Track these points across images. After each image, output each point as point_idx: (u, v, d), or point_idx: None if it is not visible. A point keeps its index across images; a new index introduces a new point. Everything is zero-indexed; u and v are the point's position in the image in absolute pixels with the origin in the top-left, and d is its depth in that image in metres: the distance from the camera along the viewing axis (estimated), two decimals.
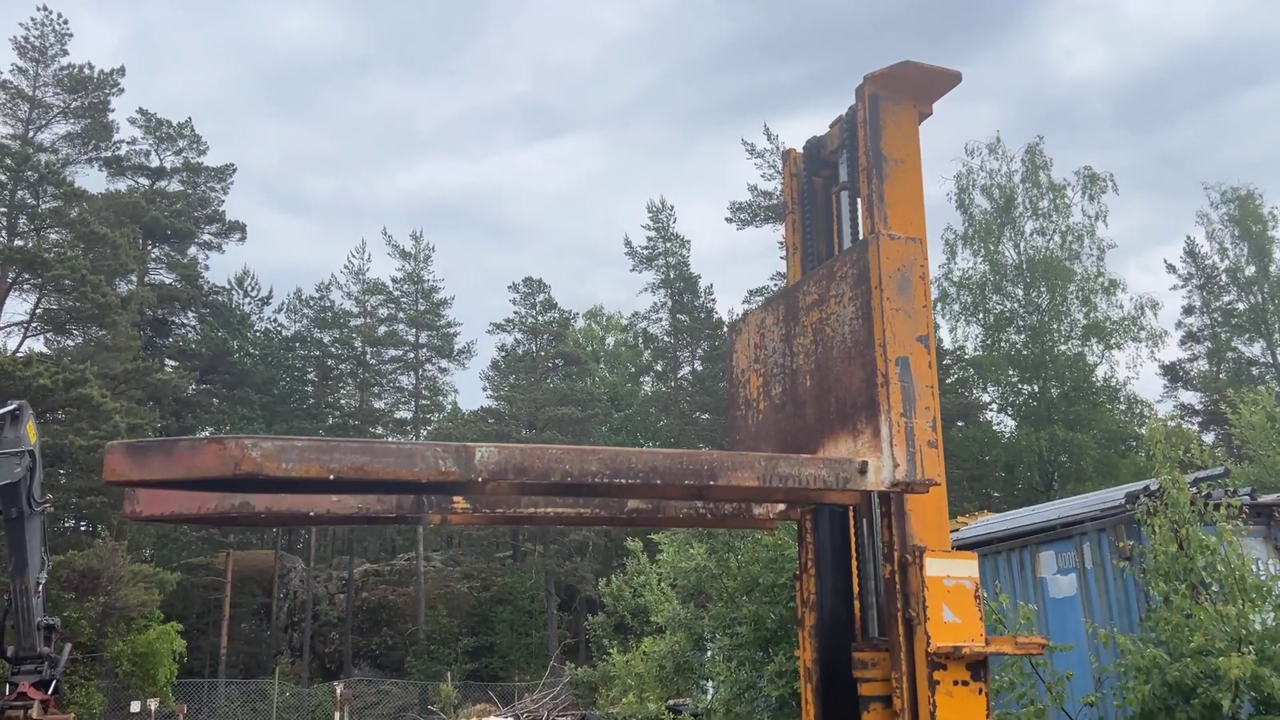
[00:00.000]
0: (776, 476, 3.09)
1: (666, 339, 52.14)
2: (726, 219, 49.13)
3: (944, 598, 3.41)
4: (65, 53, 42.84)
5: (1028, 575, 12.26)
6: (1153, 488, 10.94)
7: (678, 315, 51.50)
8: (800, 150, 4.32)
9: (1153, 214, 79.24)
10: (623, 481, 2.90)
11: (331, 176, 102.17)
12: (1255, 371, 50.78)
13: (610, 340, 65.48)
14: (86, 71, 43.06)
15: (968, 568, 3.50)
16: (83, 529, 44.02)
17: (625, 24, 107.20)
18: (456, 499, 3.29)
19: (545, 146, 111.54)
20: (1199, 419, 53.05)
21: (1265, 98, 77.77)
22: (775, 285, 49.23)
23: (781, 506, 3.92)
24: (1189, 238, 53.01)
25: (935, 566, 3.43)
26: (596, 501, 3.55)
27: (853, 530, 3.93)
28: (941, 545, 3.57)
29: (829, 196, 4.34)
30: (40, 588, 17.36)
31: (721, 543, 15.89)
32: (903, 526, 3.52)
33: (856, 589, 3.96)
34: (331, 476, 2.61)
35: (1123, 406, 51.61)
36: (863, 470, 3.25)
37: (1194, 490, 9.83)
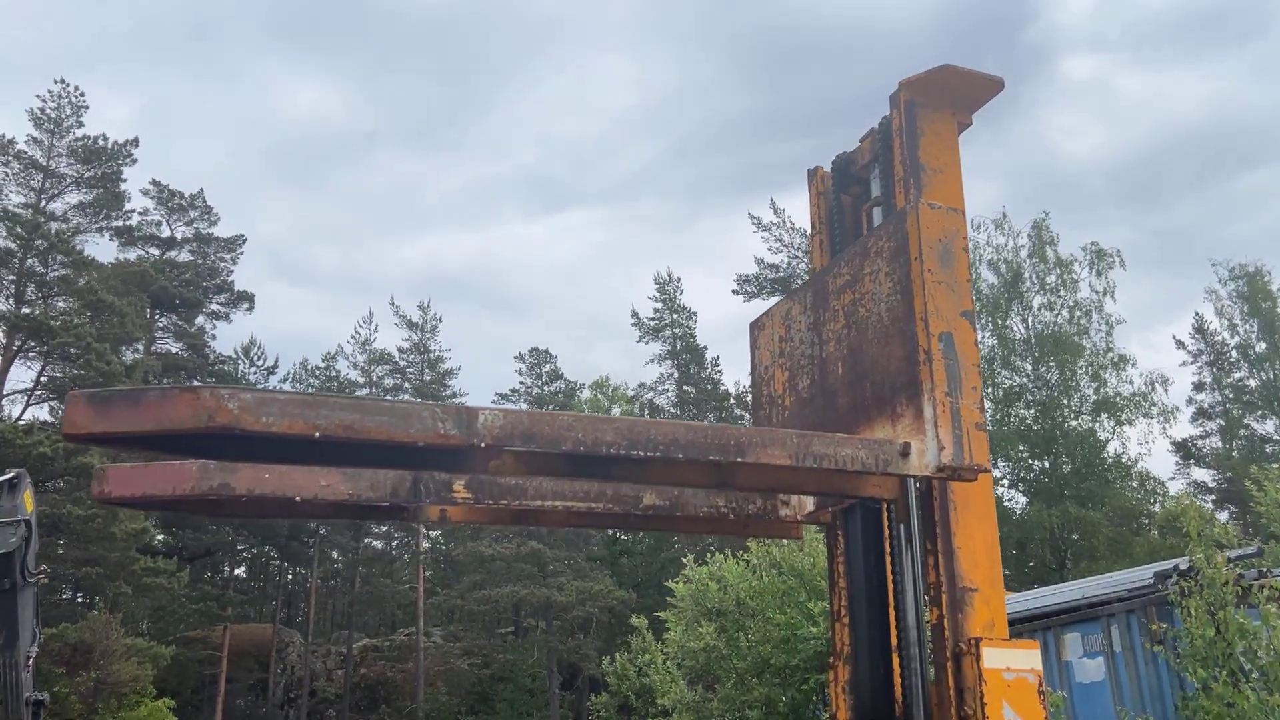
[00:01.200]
0: (810, 455, 2.76)
1: (673, 410, 51.74)
2: (733, 291, 49.15)
3: (1005, 694, 3.06)
4: (80, 124, 43.41)
5: (1052, 658, 11.76)
6: (1183, 567, 10.54)
7: (684, 386, 51.17)
8: (827, 168, 4.04)
9: (1154, 291, 79.54)
10: (640, 454, 2.57)
11: (338, 247, 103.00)
12: (1269, 449, 50.15)
13: (616, 411, 65.09)
14: (101, 142, 43.56)
15: (1030, 659, 3.15)
16: (78, 600, 43.27)
17: (628, 101, 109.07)
18: (457, 487, 2.93)
19: (549, 219, 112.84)
20: (1212, 496, 52.31)
21: (1261, 179, 78.54)
22: None
23: (811, 506, 3.57)
24: (1197, 314, 52.83)
25: (994, 658, 3.12)
26: (609, 495, 3.20)
27: (890, 568, 3.54)
28: (994, 588, 3.27)
29: (859, 214, 4.05)
30: (30, 662, 16.79)
31: (731, 621, 15.32)
32: (951, 564, 3.19)
33: (895, 641, 3.58)
34: (317, 434, 2.35)
35: (1135, 484, 50.98)
36: (905, 452, 2.93)
37: (1230, 571, 9.45)
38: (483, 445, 2.46)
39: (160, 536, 44.23)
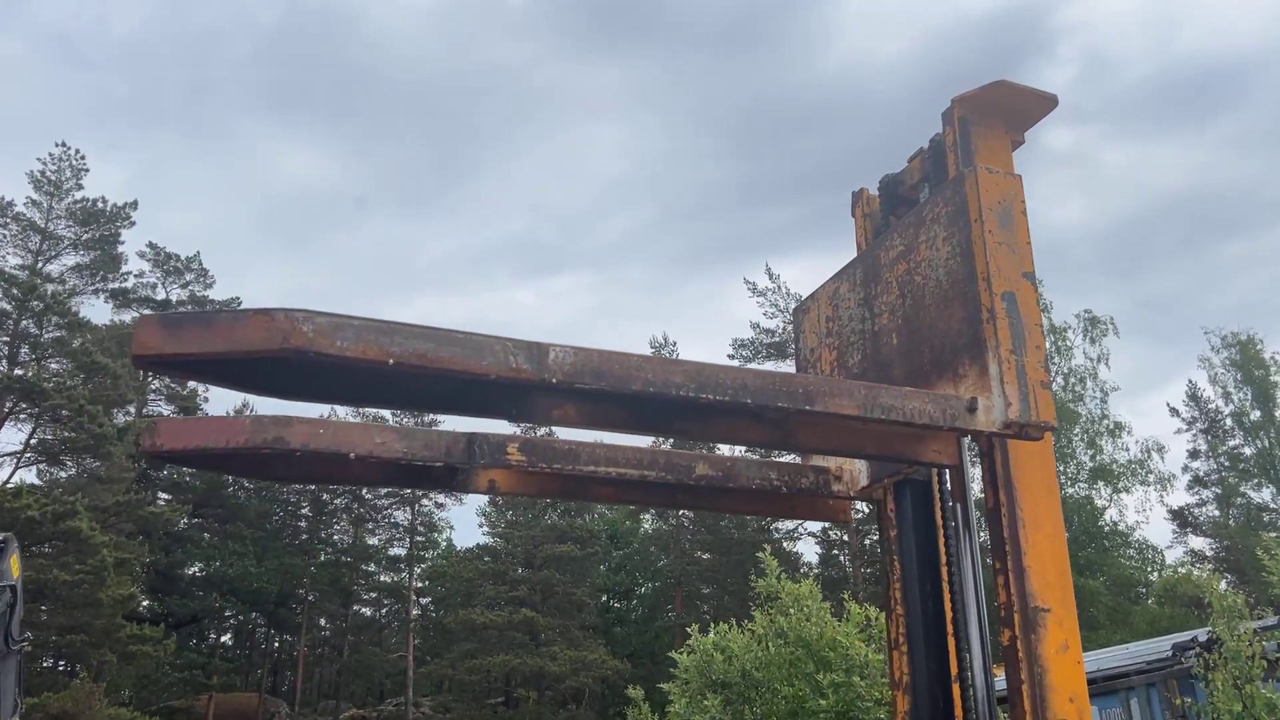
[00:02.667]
0: (878, 406, 2.70)
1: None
2: (729, 355, 49.19)
3: None
4: (80, 186, 43.72)
5: None
6: (1202, 639, 10.37)
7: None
8: (873, 191, 4.04)
9: (1140, 359, 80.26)
10: (709, 398, 2.51)
11: (333, 306, 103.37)
12: (1266, 518, 49.99)
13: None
14: (100, 205, 43.82)
15: None
16: (61, 669, 42.37)
17: (618, 169, 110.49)
18: (511, 449, 2.86)
19: (539, 283, 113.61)
20: (1210, 565, 51.98)
21: (1242, 248, 79.74)
22: None
23: (864, 481, 3.48)
24: (1191, 381, 53.10)
25: None
26: (662, 464, 3.11)
27: (949, 601, 3.44)
28: (1066, 609, 3.19)
29: None
30: None
31: (737, 693, 14.98)
32: (1022, 584, 3.12)
33: (955, 669, 3.47)
34: (391, 361, 2.28)
35: (1133, 552, 50.70)
36: (971, 408, 2.85)
37: (1257, 644, 9.30)
38: (553, 381, 2.41)
39: (146, 603, 43.53)
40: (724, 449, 34.46)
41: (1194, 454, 52.05)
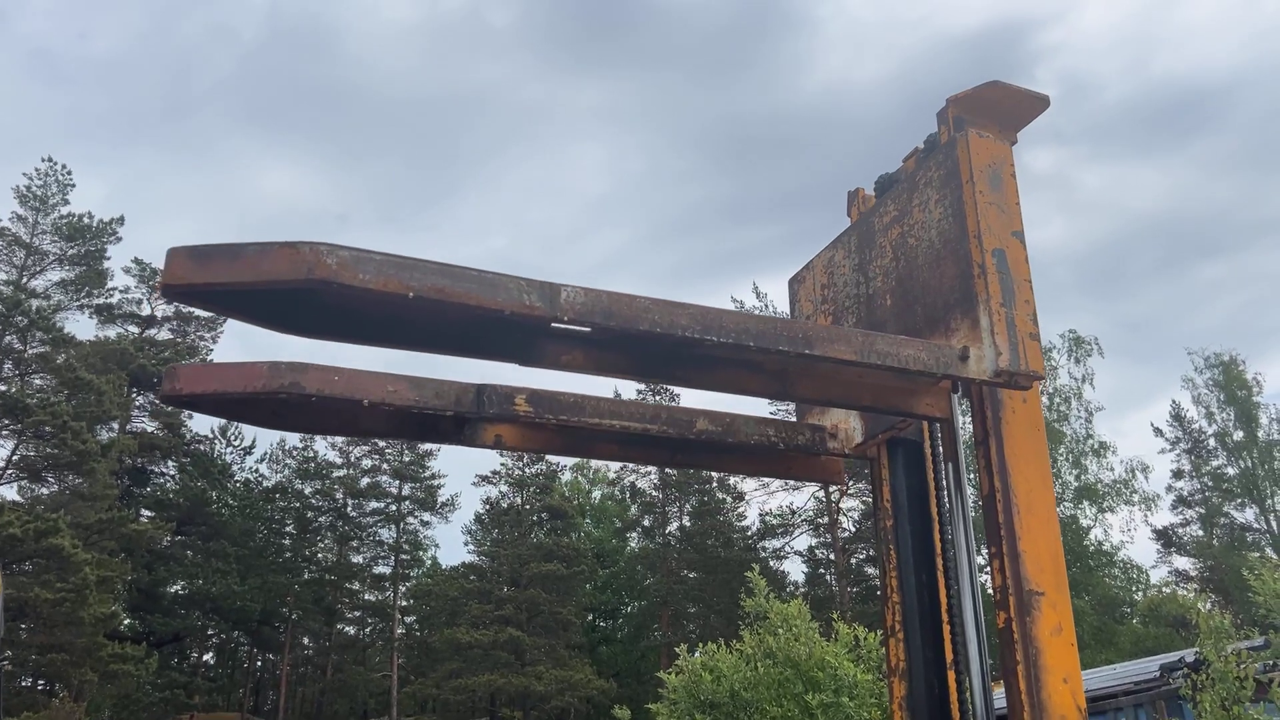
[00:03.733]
0: (874, 353, 2.78)
1: (655, 494, 51.39)
2: None
3: None
4: (66, 201, 43.62)
5: None
6: (1189, 659, 10.43)
7: (666, 470, 50.92)
8: (869, 190, 4.14)
9: (1120, 379, 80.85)
10: (714, 339, 2.59)
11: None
12: (1249, 538, 50.23)
13: (597, 494, 64.57)
14: (86, 220, 43.71)
15: None
16: (40, 688, 41.87)
17: (600, 187, 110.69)
18: (519, 401, 2.92)
19: None
20: (1194, 585, 52.14)
21: (1220, 270, 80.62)
22: None
23: (858, 438, 3.55)
24: (1174, 401, 53.38)
25: None
26: (664, 418, 3.17)
27: (944, 587, 3.51)
28: (1060, 593, 3.28)
29: None
30: None
31: (725, 714, 14.96)
32: (1017, 568, 3.21)
33: (950, 657, 3.55)
34: (410, 295, 2.37)
35: (1117, 572, 50.85)
36: (964, 356, 2.95)
37: (1247, 666, 9.37)
38: (564, 319, 2.49)
39: (128, 621, 43.15)
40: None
41: (1178, 474, 52.35)
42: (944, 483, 3.42)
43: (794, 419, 3.75)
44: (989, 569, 3.33)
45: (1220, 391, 50.93)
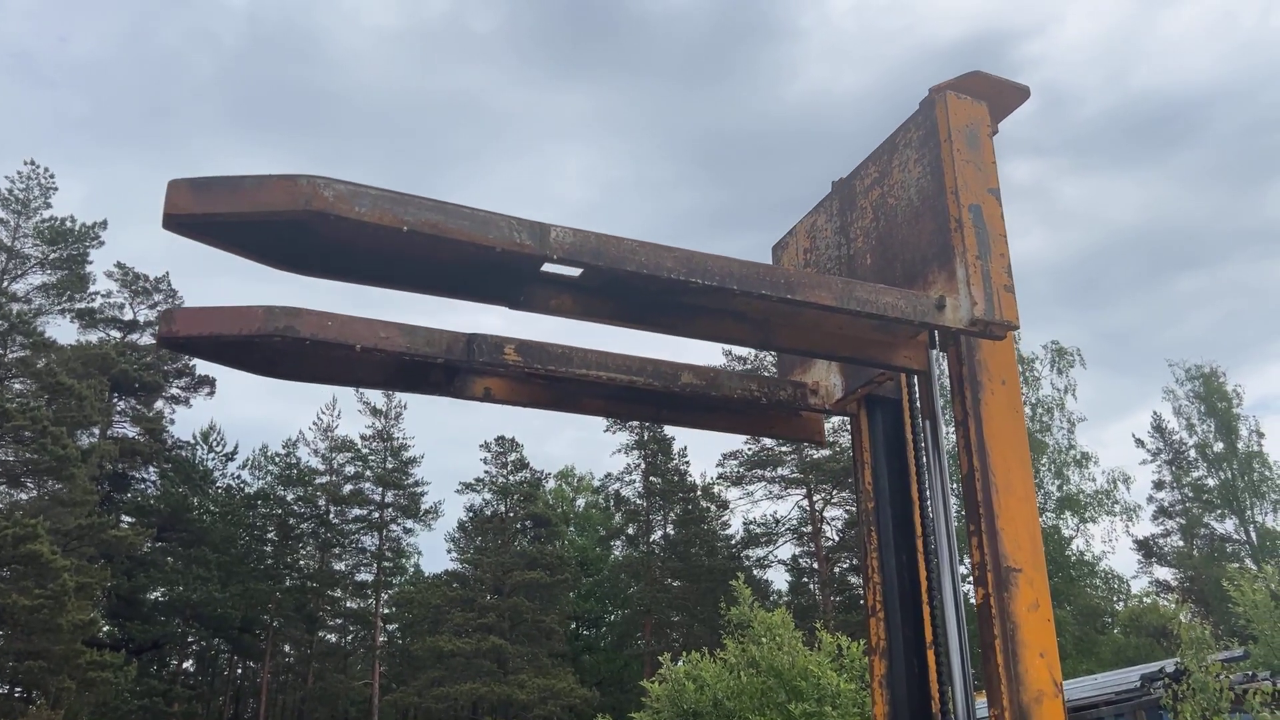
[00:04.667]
0: (854, 299, 2.85)
1: (639, 502, 51.38)
2: None
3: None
4: (48, 205, 43.39)
5: None
6: (1169, 670, 10.50)
7: (651, 478, 50.93)
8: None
9: (1100, 390, 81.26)
10: (698, 282, 2.63)
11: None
12: (1229, 549, 50.57)
13: (581, 502, 64.48)
14: (69, 224, 43.49)
15: None
16: (18, 695, 41.44)
17: (584, 195, 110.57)
18: (508, 350, 2.95)
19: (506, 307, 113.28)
20: (1175, 595, 52.41)
21: (1200, 281, 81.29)
22: (749, 450, 49.08)
23: (839, 393, 3.61)
24: (1155, 413, 53.81)
25: None
26: (649, 371, 3.20)
27: (924, 567, 3.56)
28: (1038, 570, 3.34)
29: None
30: None
31: None
32: (995, 545, 3.27)
33: (930, 637, 3.62)
34: (405, 228, 2.42)
35: (1099, 581, 51.09)
36: (940, 305, 3.02)
37: (1226, 677, 9.44)
38: (554, 257, 2.54)
39: (107, 628, 42.78)
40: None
41: (1159, 485, 52.70)
42: (922, 443, 3.47)
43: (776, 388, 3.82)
44: (968, 546, 3.39)
45: (1201, 403, 51.33)
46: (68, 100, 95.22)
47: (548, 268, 2.69)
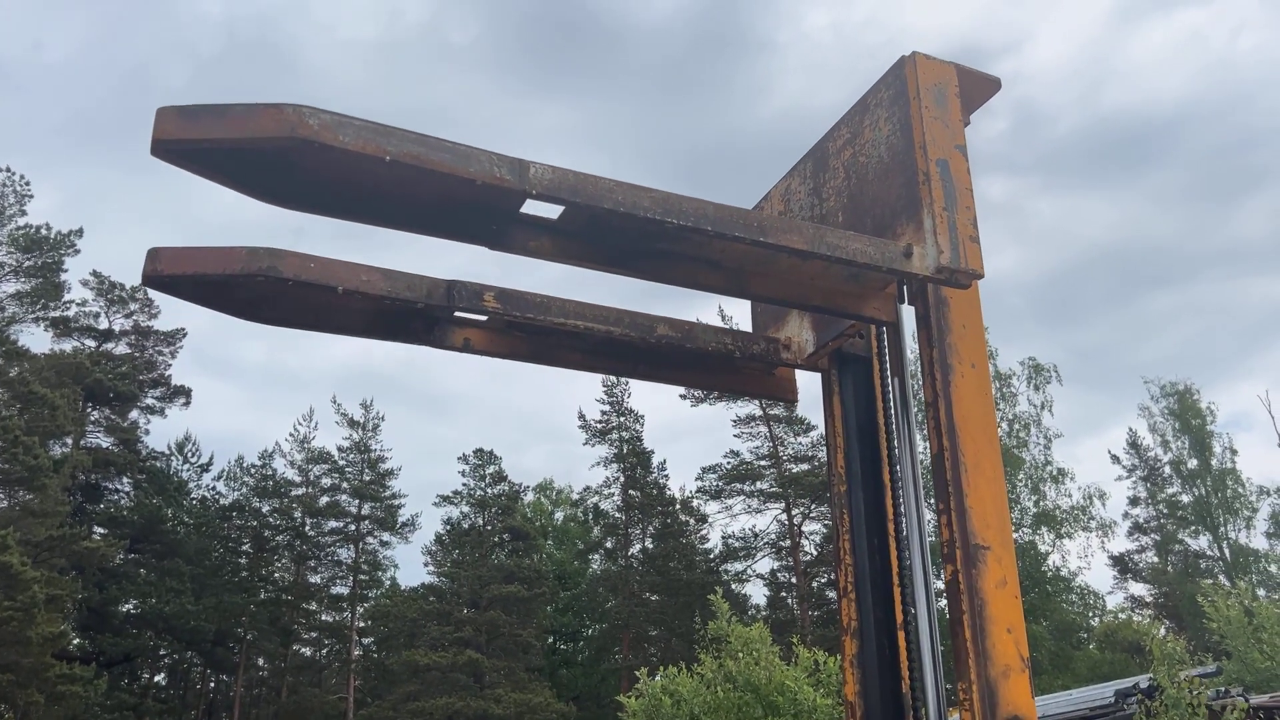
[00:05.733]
0: (824, 244, 2.91)
1: (618, 515, 51.27)
2: (681, 395, 49.40)
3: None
4: (24, 212, 43.04)
5: None
6: (1143, 685, 10.57)
7: (630, 491, 50.84)
8: None
9: (1073, 406, 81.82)
10: (674, 222, 2.67)
11: (263, 343, 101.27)
12: (1203, 565, 50.93)
13: (559, 515, 64.25)
14: (44, 232, 43.17)
15: None
16: None
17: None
18: (487, 297, 2.98)
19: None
20: (1150, 611, 52.75)
21: (1172, 299, 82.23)
22: (728, 464, 49.15)
23: (810, 348, 3.68)
24: (1131, 429, 54.17)
25: None
26: (626, 322, 3.24)
27: (894, 550, 3.61)
28: (1005, 549, 3.38)
29: None
30: None
31: None
32: (964, 522, 3.31)
33: (900, 618, 3.67)
34: (388, 158, 2.47)
35: (1075, 597, 51.35)
36: (907, 253, 3.09)
37: (1200, 694, 9.52)
38: (533, 192, 2.58)
39: (77, 640, 42.26)
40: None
41: (1134, 501, 53.07)
42: (890, 400, 3.52)
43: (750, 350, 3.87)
44: (938, 524, 3.46)
45: (1175, 420, 51.77)
46: (42, 107, 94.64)
47: (527, 209, 2.73)
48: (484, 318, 3.17)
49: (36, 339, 64.44)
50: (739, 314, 48.08)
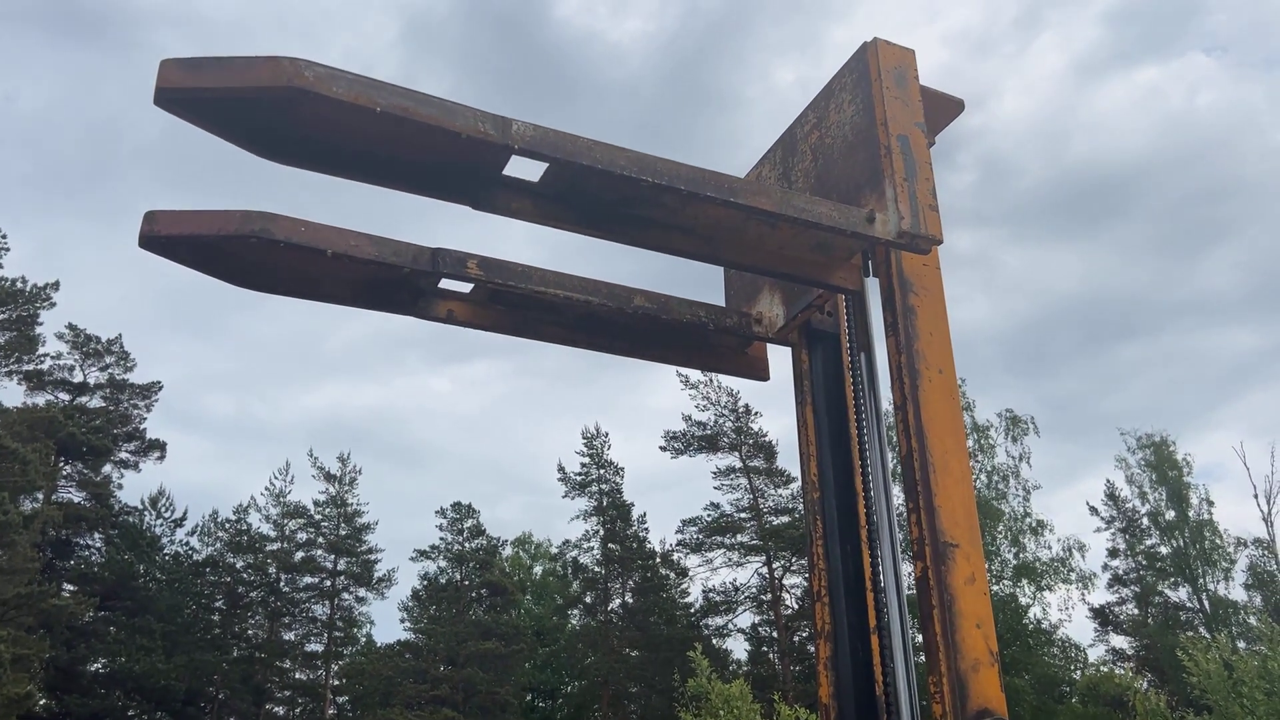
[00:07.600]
0: (791, 206, 3.06)
1: (597, 569, 50.82)
2: (660, 447, 49.35)
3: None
4: (0, 266, 42.92)
5: None
6: None
7: (609, 544, 50.46)
8: None
9: (1046, 456, 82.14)
10: (649, 180, 2.78)
11: (233, 395, 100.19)
12: (1183, 617, 50.91)
13: (538, 569, 63.58)
14: (19, 285, 42.99)
15: None
16: None
17: (531, 256, 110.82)
18: (470, 264, 3.08)
19: (454, 370, 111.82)
20: (1131, 664, 52.56)
21: (1141, 350, 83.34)
22: (708, 516, 48.96)
23: (780, 321, 3.80)
24: (1109, 481, 54.44)
25: None
26: (604, 292, 3.32)
27: (867, 557, 3.68)
28: (974, 546, 3.48)
29: None
30: None
31: None
32: (933, 520, 3.42)
33: (873, 622, 3.73)
34: (378, 109, 2.60)
35: (1056, 650, 51.09)
36: (870, 219, 3.23)
37: None
38: (514, 147, 2.70)
39: (44, 701, 41.29)
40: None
41: (1113, 553, 53.14)
42: (859, 377, 3.60)
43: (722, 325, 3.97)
44: (907, 523, 3.54)
45: (1152, 471, 52.02)
46: (12, 158, 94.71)
47: (509, 171, 2.81)
48: (467, 289, 3.25)
49: (9, 393, 63.76)
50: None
